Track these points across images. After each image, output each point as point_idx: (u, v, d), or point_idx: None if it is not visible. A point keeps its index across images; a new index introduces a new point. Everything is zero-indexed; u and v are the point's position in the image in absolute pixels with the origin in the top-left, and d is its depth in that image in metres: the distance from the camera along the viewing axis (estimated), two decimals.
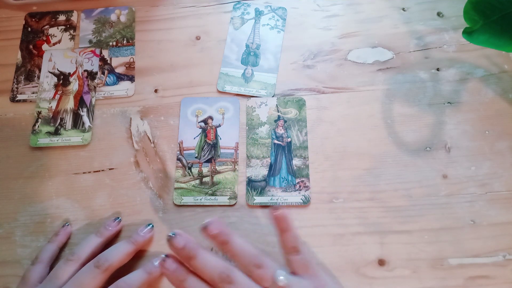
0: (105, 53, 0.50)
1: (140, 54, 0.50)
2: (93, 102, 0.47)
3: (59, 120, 0.46)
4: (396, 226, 0.40)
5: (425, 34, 0.49)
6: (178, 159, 0.44)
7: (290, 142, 0.44)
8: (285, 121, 0.45)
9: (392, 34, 0.49)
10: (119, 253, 0.37)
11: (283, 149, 0.44)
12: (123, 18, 0.52)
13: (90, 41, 0.51)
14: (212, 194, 0.42)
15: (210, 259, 0.32)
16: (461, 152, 0.43)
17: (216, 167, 0.44)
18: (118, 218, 0.41)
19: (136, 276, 0.36)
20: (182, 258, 0.32)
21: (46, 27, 0.52)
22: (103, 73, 0.49)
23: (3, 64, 0.50)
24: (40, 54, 0.50)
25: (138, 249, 0.39)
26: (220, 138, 0.45)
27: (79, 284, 0.34)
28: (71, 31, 0.51)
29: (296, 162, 0.43)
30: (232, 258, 0.33)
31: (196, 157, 0.44)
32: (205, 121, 0.46)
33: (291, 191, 0.42)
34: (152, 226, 0.41)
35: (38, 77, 0.49)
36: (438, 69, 0.47)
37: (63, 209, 0.42)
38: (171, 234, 0.32)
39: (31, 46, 0.51)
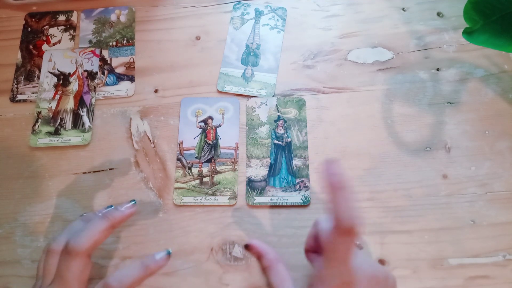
0: (105, 53, 0.50)
1: (140, 54, 0.50)
2: (93, 102, 0.47)
3: (59, 120, 0.46)
4: (396, 226, 0.40)
5: (425, 34, 0.49)
6: (178, 159, 0.44)
7: (290, 142, 0.44)
8: (285, 121, 0.45)
9: (392, 34, 0.49)
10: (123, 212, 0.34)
11: (283, 149, 0.44)
12: (123, 18, 0.52)
13: (90, 41, 0.51)
14: (212, 194, 0.42)
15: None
16: (461, 152, 0.43)
17: (216, 167, 0.44)
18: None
19: (130, 271, 0.31)
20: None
21: (46, 27, 0.52)
22: (103, 73, 0.49)
23: (3, 64, 0.50)
24: (40, 54, 0.50)
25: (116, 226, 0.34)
26: (220, 138, 0.45)
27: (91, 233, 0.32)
28: (71, 31, 0.51)
29: (296, 162, 0.43)
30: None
31: (196, 157, 0.44)
32: (205, 121, 0.46)
33: (291, 191, 0.42)
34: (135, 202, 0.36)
35: (38, 77, 0.49)
36: (438, 69, 0.47)
37: (63, 209, 0.42)
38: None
39: (31, 46, 0.51)
